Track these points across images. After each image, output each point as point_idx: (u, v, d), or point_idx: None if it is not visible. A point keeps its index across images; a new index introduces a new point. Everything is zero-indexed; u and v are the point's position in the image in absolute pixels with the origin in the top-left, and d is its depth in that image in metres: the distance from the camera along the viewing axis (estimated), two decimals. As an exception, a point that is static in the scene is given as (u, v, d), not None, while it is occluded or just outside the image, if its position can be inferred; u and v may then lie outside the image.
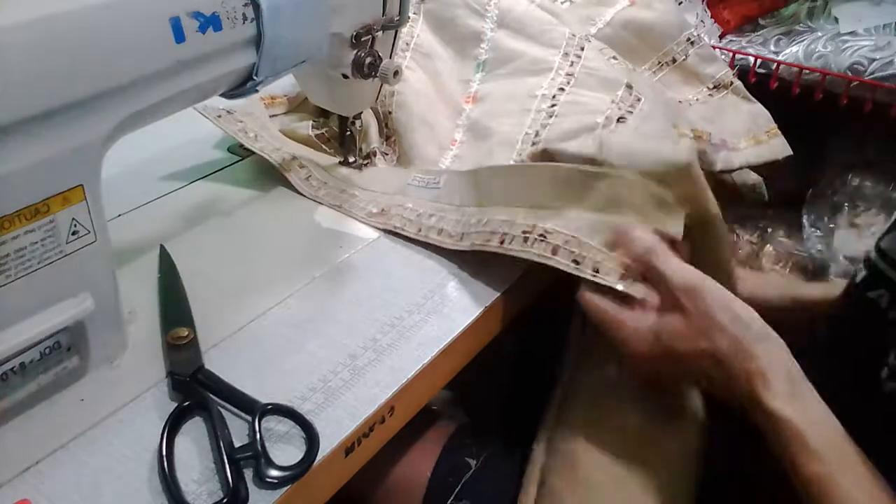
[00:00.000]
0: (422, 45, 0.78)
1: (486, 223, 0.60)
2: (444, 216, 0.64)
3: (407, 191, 0.69)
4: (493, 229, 0.59)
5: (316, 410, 0.48)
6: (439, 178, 0.68)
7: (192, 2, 0.46)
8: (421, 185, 0.68)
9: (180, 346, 0.51)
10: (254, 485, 0.43)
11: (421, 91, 0.77)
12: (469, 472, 0.62)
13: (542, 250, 0.56)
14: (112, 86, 0.43)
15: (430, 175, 0.69)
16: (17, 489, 0.43)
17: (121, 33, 0.43)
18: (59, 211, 0.43)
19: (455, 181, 0.67)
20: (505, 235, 0.58)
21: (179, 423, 0.47)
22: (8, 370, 0.44)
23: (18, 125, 0.39)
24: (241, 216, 0.68)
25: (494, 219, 0.60)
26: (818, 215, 1.02)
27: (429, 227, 0.64)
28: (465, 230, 0.62)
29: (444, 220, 0.64)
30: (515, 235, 0.58)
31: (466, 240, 0.61)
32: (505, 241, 0.58)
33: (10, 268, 0.42)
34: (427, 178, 0.69)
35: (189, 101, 0.52)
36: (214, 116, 0.74)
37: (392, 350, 0.53)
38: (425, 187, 0.68)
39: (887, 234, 0.57)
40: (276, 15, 0.51)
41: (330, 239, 0.65)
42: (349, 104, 0.69)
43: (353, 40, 0.61)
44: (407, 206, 0.66)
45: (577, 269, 0.54)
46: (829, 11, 0.97)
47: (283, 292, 0.58)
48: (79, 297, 0.45)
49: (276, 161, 0.71)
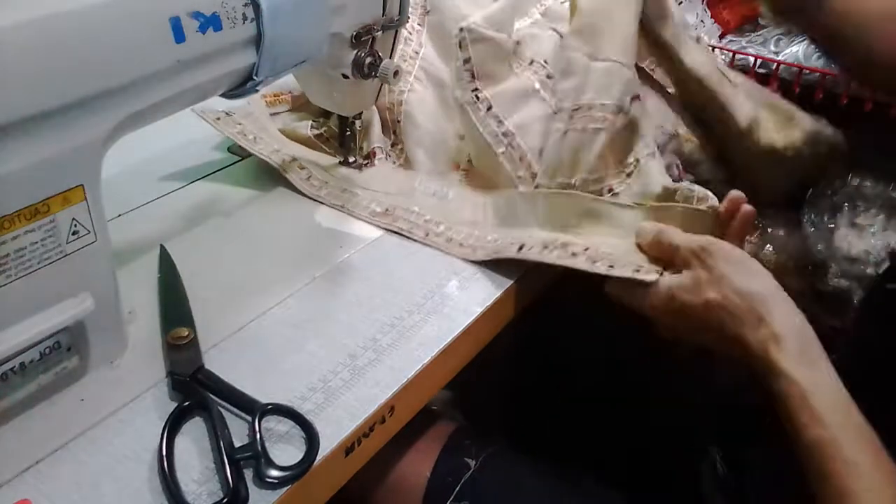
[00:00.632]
0: (427, 58, 0.78)
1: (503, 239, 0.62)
2: (454, 228, 0.65)
3: (413, 194, 0.69)
4: (511, 241, 0.61)
5: (316, 410, 0.48)
6: (448, 190, 0.68)
7: (192, 2, 0.46)
8: (428, 192, 0.69)
9: (180, 346, 0.51)
10: (254, 485, 0.43)
11: (427, 105, 0.76)
12: (468, 472, 0.62)
13: (559, 256, 0.58)
14: (112, 86, 0.43)
15: (438, 184, 0.69)
16: (17, 489, 0.43)
17: (121, 33, 0.43)
18: (60, 211, 0.43)
19: (467, 199, 0.67)
20: (524, 244, 0.60)
21: (179, 423, 0.47)
22: (8, 370, 0.44)
23: (18, 125, 0.39)
24: (241, 216, 0.68)
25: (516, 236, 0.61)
26: (818, 215, 1.02)
27: (437, 233, 0.64)
28: (478, 244, 0.63)
29: (454, 230, 0.64)
30: (534, 245, 0.60)
31: (481, 252, 0.62)
32: (524, 249, 0.60)
33: (10, 268, 0.42)
34: (435, 188, 0.69)
35: (189, 101, 0.52)
36: (213, 119, 0.74)
37: (392, 350, 0.53)
38: (433, 196, 0.68)
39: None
40: (276, 15, 0.51)
41: (330, 239, 0.65)
42: (349, 104, 0.69)
43: (353, 40, 0.61)
44: (413, 209, 0.66)
45: (593, 267, 0.56)
46: (829, 11, 0.97)
47: (283, 292, 0.58)
48: (79, 297, 0.45)
49: (275, 163, 0.71)
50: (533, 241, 0.60)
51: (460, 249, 0.63)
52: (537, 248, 0.59)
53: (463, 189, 0.70)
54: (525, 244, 0.60)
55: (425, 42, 0.78)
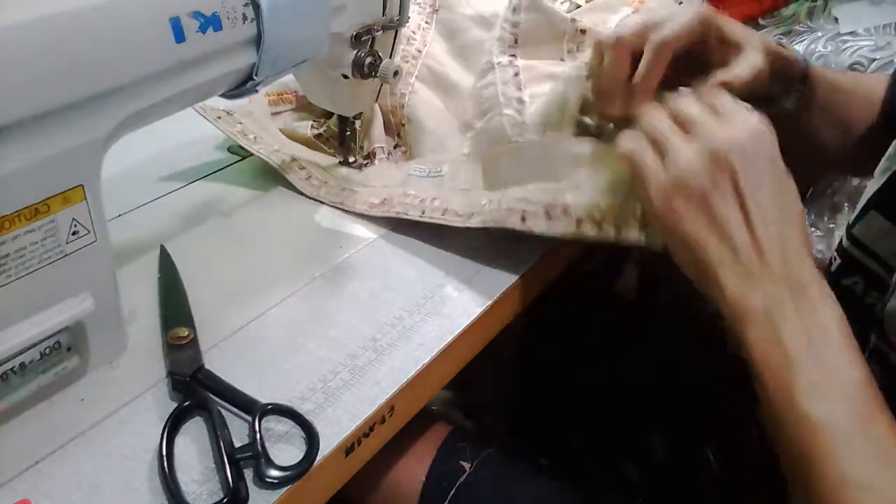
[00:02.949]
0: (433, 55, 0.77)
1: (499, 201, 0.59)
2: (449, 198, 0.64)
3: (408, 181, 0.68)
4: (509, 206, 0.59)
5: (316, 410, 0.48)
6: (441, 167, 0.68)
7: (192, 2, 0.46)
8: (422, 175, 0.68)
9: (180, 346, 0.51)
10: (254, 485, 0.43)
11: (432, 105, 0.76)
12: (463, 475, 0.62)
13: (566, 226, 0.56)
14: (112, 86, 0.43)
15: (431, 164, 0.69)
16: (17, 489, 0.43)
17: (121, 33, 0.43)
18: (60, 211, 0.43)
19: (459, 167, 0.67)
20: (525, 212, 0.58)
21: (179, 423, 0.47)
22: (8, 370, 0.44)
23: (18, 125, 0.39)
24: (241, 216, 0.68)
25: (510, 197, 0.59)
26: (818, 215, 1.02)
27: (433, 208, 0.63)
28: (473, 210, 0.61)
29: (450, 201, 0.63)
30: (537, 213, 0.57)
31: (476, 217, 0.60)
32: (527, 219, 0.58)
33: (10, 268, 0.42)
34: (428, 168, 0.69)
35: (189, 101, 0.52)
36: (214, 118, 0.74)
37: (392, 350, 0.53)
38: (427, 177, 0.68)
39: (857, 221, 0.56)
40: (277, 15, 0.51)
41: (330, 239, 0.65)
42: (349, 104, 0.69)
43: (353, 40, 0.61)
44: (409, 192, 0.66)
45: (600, 235, 0.55)
46: (829, 11, 0.97)
47: (283, 292, 0.58)
48: (79, 297, 0.45)
49: (275, 163, 0.71)
50: (535, 208, 0.57)
51: (458, 219, 0.61)
52: (541, 218, 0.57)
53: (456, 163, 0.69)
54: (527, 213, 0.57)
55: (432, 40, 0.78)
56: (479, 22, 0.77)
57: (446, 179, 0.67)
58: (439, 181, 0.67)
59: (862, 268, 0.55)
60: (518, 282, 0.61)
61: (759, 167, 0.45)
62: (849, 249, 0.56)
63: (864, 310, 0.53)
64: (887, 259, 0.54)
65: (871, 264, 0.55)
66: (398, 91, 0.75)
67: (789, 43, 0.96)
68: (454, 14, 0.78)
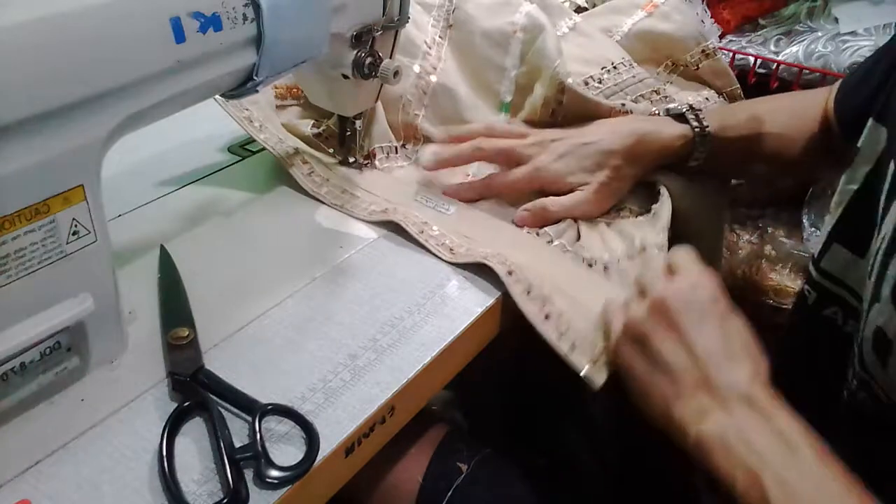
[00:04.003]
0: (447, 72, 0.77)
1: (496, 257, 0.60)
2: (449, 236, 0.64)
3: (412, 205, 0.68)
4: (502, 261, 0.59)
5: (316, 411, 0.48)
6: (450, 206, 0.68)
7: (192, 2, 0.46)
8: (428, 205, 0.69)
9: (180, 346, 0.51)
10: (254, 485, 0.43)
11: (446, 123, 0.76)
12: (460, 476, 0.62)
13: (534, 314, 0.56)
14: (112, 86, 0.43)
15: (439, 199, 0.69)
16: (17, 489, 0.43)
17: (121, 33, 0.43)
18: (60, 211, 0.43)
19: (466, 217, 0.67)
20: (513, 270, 0.58)
21: (179, 423, 0.46)
22: (8, 370, 0.44)
23: (18, 125, 0.39)
24: (241, 216, 0.68)
25: (507, 259, 0.60)
26: (818, 215, 1.02)
27: (431, 235, 0.64)
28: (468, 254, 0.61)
29: (449, 238, 0.64)
30: (520, 279, 0.58)
31: (468, 258, 0.61)
32: (512, 275, 0.58)
33: (10, 268, 0.42)
34: (436, 202, 0.69)
35: (189, 101, 0.52)
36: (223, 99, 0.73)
37: (392, 350, 0.53)
38: (434, 209, 0.68)
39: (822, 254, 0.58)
40: (277, 15, 0.51)
41: (330, 239, 0.65)
42: (349, 104, 0.69)
43: (353, 40, 0.61)
44: (412, 213, 0.66)
45: (557, 342, 0.55)
46: (829, 11, 0.97)
47: (283, 292, 0.58)
48: (79, 297, 0.45)
49: (279, 153, 0.71)
50: (520, 275, 0.58)
51: (450, 255, 0.62)
52: (522, 286, 0.57)
53: (466, 208, 0.69)
54: (514, 272, 0.58)
55: (446, 56, 0.78)
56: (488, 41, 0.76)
57: (451, 220, 0.67)
58: (444, 217, 0.67)
59: (838, 298, 0.57)
60: (518, 282, 0.60)
61: (698, 308, 0.49)
62: (820, 282, 0.58)
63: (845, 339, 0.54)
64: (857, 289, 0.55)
65: (844, 294, 0.57)
66: (411, 112, 0.75)
67: (789, 43, 0.96)
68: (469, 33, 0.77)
